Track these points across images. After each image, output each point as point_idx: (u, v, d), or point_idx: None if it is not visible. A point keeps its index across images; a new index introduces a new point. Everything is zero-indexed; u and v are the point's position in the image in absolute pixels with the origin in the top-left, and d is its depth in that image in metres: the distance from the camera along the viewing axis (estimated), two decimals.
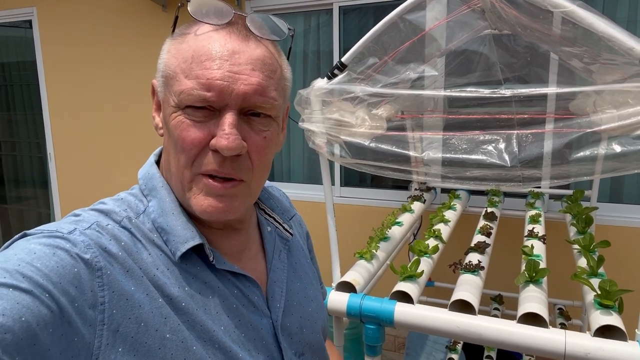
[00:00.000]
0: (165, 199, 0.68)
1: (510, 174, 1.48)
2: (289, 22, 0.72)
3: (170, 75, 0.64)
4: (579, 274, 1.46)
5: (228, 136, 0.60)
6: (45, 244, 0.54)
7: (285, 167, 3.58)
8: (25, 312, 0.46)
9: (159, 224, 0.66)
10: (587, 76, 1.53)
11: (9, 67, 4.46)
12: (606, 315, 1.24)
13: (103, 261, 0.56)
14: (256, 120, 0.65)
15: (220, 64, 0.60)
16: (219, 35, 0.63)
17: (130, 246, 0.61)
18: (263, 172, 0.70)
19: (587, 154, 1.42)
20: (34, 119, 4.38)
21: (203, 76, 0.60)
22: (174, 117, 0.63)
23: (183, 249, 0.64)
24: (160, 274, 0.62)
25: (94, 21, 3.84)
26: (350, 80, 1.61)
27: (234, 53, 0.61)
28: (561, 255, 2.21)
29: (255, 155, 0.65)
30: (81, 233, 0.58)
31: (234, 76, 0.61)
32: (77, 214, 0.63)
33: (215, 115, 0.62)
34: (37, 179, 4.62)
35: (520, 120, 1.55)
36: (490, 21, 1.88)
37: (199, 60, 0.61)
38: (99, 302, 0.54)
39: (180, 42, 0.65)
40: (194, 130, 0.62)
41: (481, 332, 1.26)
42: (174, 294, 0.62)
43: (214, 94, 0.60)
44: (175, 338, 0.60)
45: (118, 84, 3.84)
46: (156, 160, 0.74)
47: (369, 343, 1.42)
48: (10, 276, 0.48)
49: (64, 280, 0.52)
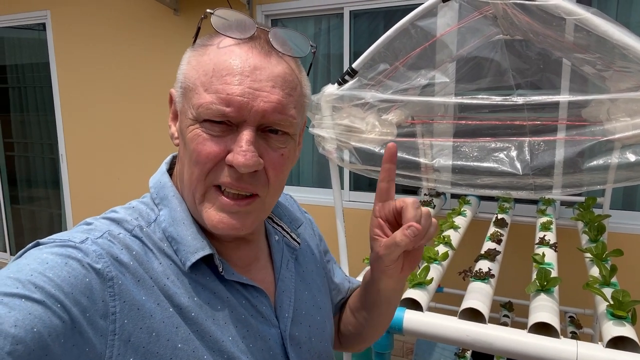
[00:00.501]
0: (177, 208, 0.68)
1: (521, 182, 1.47)
2: (300, 26, 0.72)
3: (190, 87, 0.64)
4: (591, 283, 1.44)
5: (245, 153, 0.60)
6: (58, 254, 0.54)
7: (295, 171, 3.59)
8: (37, 322, 0.47)
9: (169, 233, 0.66)
10: (600, 83, 1.52)
11: (23, 69, 4.52)
12: (619, 326, 1.22)
13: (114, 271, 0.57)
14: (274, 137, 0.64)
15: (241, 80, 0.60)
16: (240, 50, 0.62)
17: (141, 255, 0.61)
18: (278, 188, 0.69)
19: (600, 162, 1.40)
20: (47, 121, 4.44)
21: (223, 91, 0.60)
22: (191, 129, 0.63)
23: (193, 259, 0.64)
24: (170, 284, 0.62)
25: (106, 24, 3.88)
26: (361, 86, 1.61)
27: (255, 69, 0.61)
28: (573, 263, 2.18)
29: (272, 172, 0.65)
30: (93, 242, 0.58)
31: (254, 93, 0.60)
32: (89, 223, 0.63)
33: (233, 130, 0.62)
34: (49, 180, 4.67)
35: (532, 127, 1.53)
36: (502, 27, 1.87)
37: (220, 75, 0.61)
38: (111, 312, 0.54)
39: (202, 54, 0.64)
40: (210, 144, 0.62)
41: (491, 342, 1.25)
42: (183, 304, 0.62)
43: (233, 110, 0.60)
44: (186, 348, 0.60)
45: (130, 87, 3.87)
46: (167, 168, 0.74)
47: (377, 350, 1.42)
48: (22, 286, 0.49)
49: (76, 291, 0.52)
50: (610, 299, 1.29)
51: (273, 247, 0.80)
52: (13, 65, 4.55)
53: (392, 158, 0.71)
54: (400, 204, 0.69)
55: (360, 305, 0.90)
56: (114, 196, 4.03)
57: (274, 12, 3.33)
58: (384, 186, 0.72)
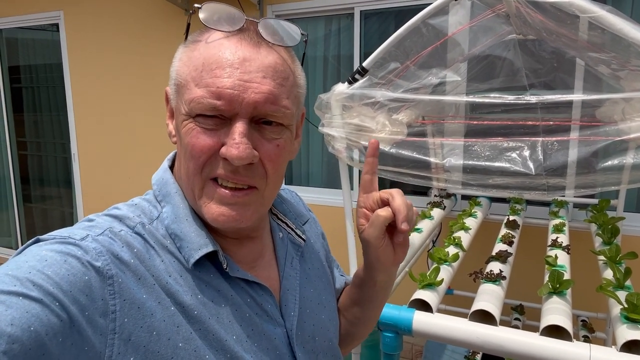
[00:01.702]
0: (179, 205, 0.67)
1: (534, 182, 1.44)
2: (310, 26, 0.71)
3: (182, 83, 0.64)
4: (604, 286, 1.41)
5: (238, 145, 0.59)
6: (57, 251, 0.53)
7: (304, 172, 3.58)
8: (34, 321, 0.46)
9: (172, 230, 0.65)
10: (615, 83, 1.49)
11: (36, 69, 4.57)
12: (633, 329, 1.20)
13: (115, 269, 0.56)
14: (268, 129, 0.64)
15: (231, 72, 0.60)
16: (229, 43, 0.62)
17: (142, 253, 0.61)
18: (277, 181, 0.68)
19: (615, 163, 1.37)
20: (59, 120, 4.48)
21: (213, 84, 0.59)
22: (185, 124, 0.63)
23: (197, 256, 0.63)
24: (173, 282, 0.61)
25: (118, 23, 3.91)
26: (371, 85, 1.60)
27: (244, 61, 0.60)
28: (586, 266, 2.15)
29: (269, 163, 0.64)
30: (93, 239, 0.57)
31: (244, 84, 0.60)
32: (91, 219, 0.63)
33: (226, 123, 0.62)
34: (61, 179, 4.72)
35: (545, 127, 1.51)
36: (515, 26, 1.84)
37: (210, 69, 0.60)
38: (110, 311, 0.54)
39: (192, 50, 0.64)
40: (203, 137, 0.61)
41: (502, 344, 1.23)
42: (186, 302, 0.61)
43: (224, 103, 0.59)
44: (188, 347, 0.59)
45: (142, 86, 3.90)
46: (170, 165, 0.74)
47: (386, 351, 1.40)
48: (20, 284, 0.48)
49: (75, 289, 0.51)
50: (625, 302, 1.27)
51: (277, 244, 0.79)
52: (27, 65, 4.60)
53: (374, 152, 0.77)
54: (385, 195, 0.72)
55: (351, 303, 0.91)
56: (125, 195, 4.03)
57: (284, 12, 3.33)
58: (367, 178, 0.77)
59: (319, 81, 3.40)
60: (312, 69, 3.39)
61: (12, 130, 4.76)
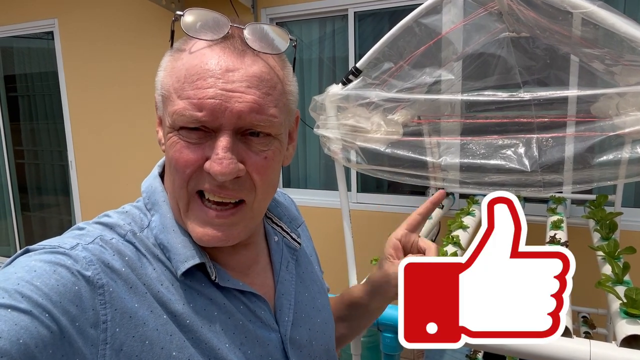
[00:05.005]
0: (167, 215, 0.66)
1: (530, 179, 1.44)
2: (305, 29, 0.70)
3: (166, 95, 0.62)
4: (603, 281, 1.41)
5: (222, 160, 0.58)
6: (46, 261, 0.53)
7: (302, 174, 3.58)
8: (23, 333, 0.45)
9: (160, 240, 0.64)
10: (609, 78, 1.49)
11: (32, 78, 4.57)
12: (633, 324, 1.19)
13: (105, 278, 0.55)
14: (255, 140, 0.61)
15: (213, 83, 0.57)
16: (212, 52, 0.59)
17: (134, 261, 0.60)
18: (268, 191, 0.67)
19: (611, 157, 1.37)
20: (56, 128, 4.47)
21: (195, 96, 0.57)
22: (169, 137, 0.62)
23: (183, 268, 0.62)
24: (164, 290, 0.60)
25: (112, 30, 3.91)
26: (366, 86, 1.60)
27: (227, 71, 0.58)
28: (584, 262, 2.13)
29: (257, 175, 0.62)
30: (84, 248, 0.56)
31: (227, 94, 0.57)
32: (81, 227, 0.62)
33: (211, 136, 0.60)
34: (58, 187, 4.71)
35: (540, 124, 1.51)
36: (508, 24, 1.85)
37: (191, 80, 0.58)
38: (101, 321, 0.53)
39: (176, 60, 0.62)
40: (187, 152, 0.60)
41: (505, 343, 1.22)
42: (178, 311, 0.60)
43: (206, 114, 0.57)
44: (181, 356, 0.58)
45: (137, 92, 3.89)
46: (160, 172, 0.73)
47: (386, 352, 1.40)
48: (9, 296, 0.47)
49: (64, 299, 0.50)
50: (624, 297, 1.26)
51: (272, 248, 0.78)
52: (22, 74, 4.60)
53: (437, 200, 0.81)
54: (423, 245, 0.75)
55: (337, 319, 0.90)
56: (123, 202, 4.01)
57: (278, 15, 3.34)
58: (417, 218, 0.80)
59: (314, 83, 3.40)
60: (307, 71, 3.39)
61: (9, 138, 4.76)
